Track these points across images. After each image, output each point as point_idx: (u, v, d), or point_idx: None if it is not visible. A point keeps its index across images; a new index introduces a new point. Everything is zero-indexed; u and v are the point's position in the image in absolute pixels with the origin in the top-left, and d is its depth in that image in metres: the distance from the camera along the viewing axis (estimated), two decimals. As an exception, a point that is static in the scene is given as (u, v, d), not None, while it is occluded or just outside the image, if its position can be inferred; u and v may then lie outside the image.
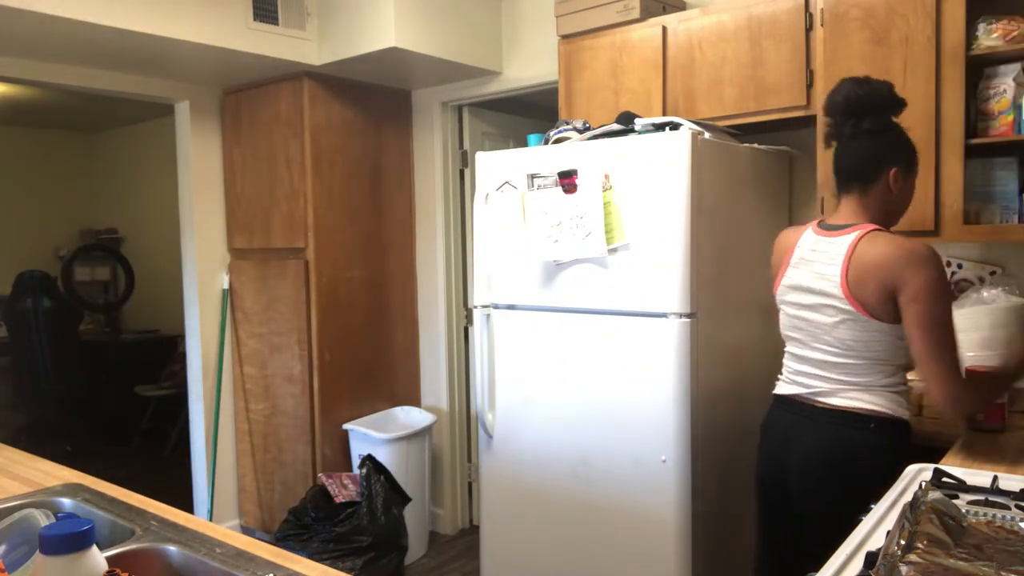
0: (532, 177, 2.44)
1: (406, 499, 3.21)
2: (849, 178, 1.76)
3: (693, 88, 2.57)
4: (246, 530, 3.83)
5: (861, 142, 1.73)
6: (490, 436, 2.64)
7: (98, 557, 0.99)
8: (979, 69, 2.13)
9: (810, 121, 2.42)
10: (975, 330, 2.16)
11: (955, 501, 1.34)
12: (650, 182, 2.20)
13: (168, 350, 5.67)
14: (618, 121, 2.46)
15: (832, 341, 1.74)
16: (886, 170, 1.72)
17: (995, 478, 1.42)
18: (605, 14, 2.75)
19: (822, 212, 2.32)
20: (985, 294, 2.22)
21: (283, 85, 3.48)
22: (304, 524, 3.11)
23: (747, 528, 2.51)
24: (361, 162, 3.65)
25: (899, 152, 1.74)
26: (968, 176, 2.11)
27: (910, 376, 1.80)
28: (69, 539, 0.96)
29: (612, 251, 2.28)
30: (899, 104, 1.74)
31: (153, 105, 3.93)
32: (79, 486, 1.62)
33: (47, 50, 2.98)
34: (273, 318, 3.65)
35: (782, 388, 1.90)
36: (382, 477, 3.15)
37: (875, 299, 1.64)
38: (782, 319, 1.90)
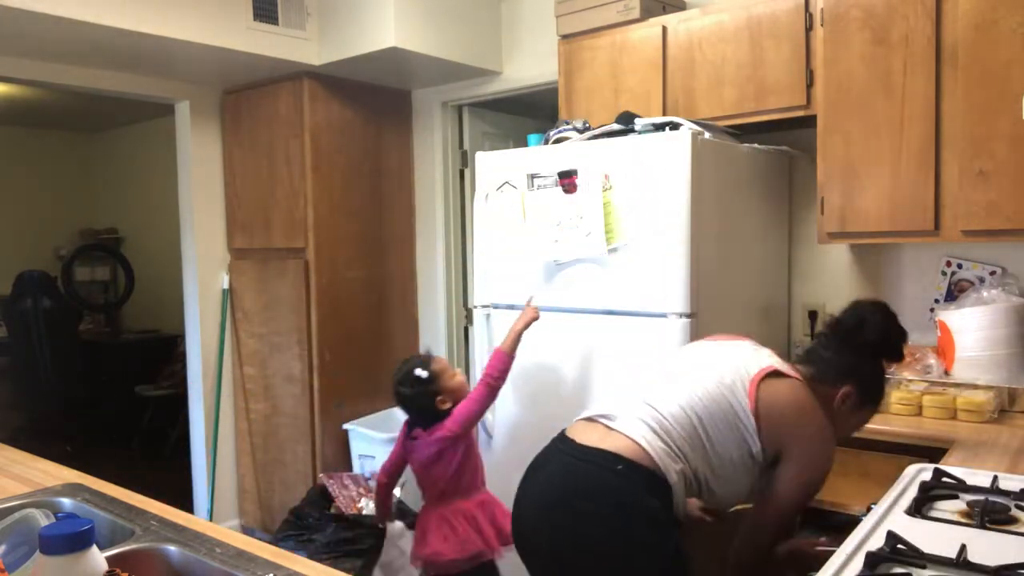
0: (532, 177, 2.44)
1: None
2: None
3: (693, 88, 2.57)
4: (246, 530, 3.83)
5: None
6: (490, 436, 2.64)
7: (98, 557, 0.99)
8: None
9: (810, 121, 2.42)
10: (975, 330, 2.16)
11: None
12: (650, 182, 2.20)
13: (168, 350, 5.67)
14: (618, 121, 2.45)
15: None
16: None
17: (995, 478, 1.42)
18: (605, 14, 2.75)
19: (822, 212, 2.32)
20: (985, 294, 2.22)
21: (283, 85, 3.48)
22: (304, 524, 3.11)
23: (747, 528, 2.51)
24: (361, 162, 3.65)
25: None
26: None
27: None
28: (69, 539, 0.96)
29: (612, 251, 2.28)
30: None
31: (153, 105, 3.93)
32: (79, 486, 1.62)
33: (47, 50, 2.98)
34: (273, 318, 3.65)
35: None
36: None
37: None
38: None
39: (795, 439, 1.54)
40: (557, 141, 2.52)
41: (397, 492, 3.21)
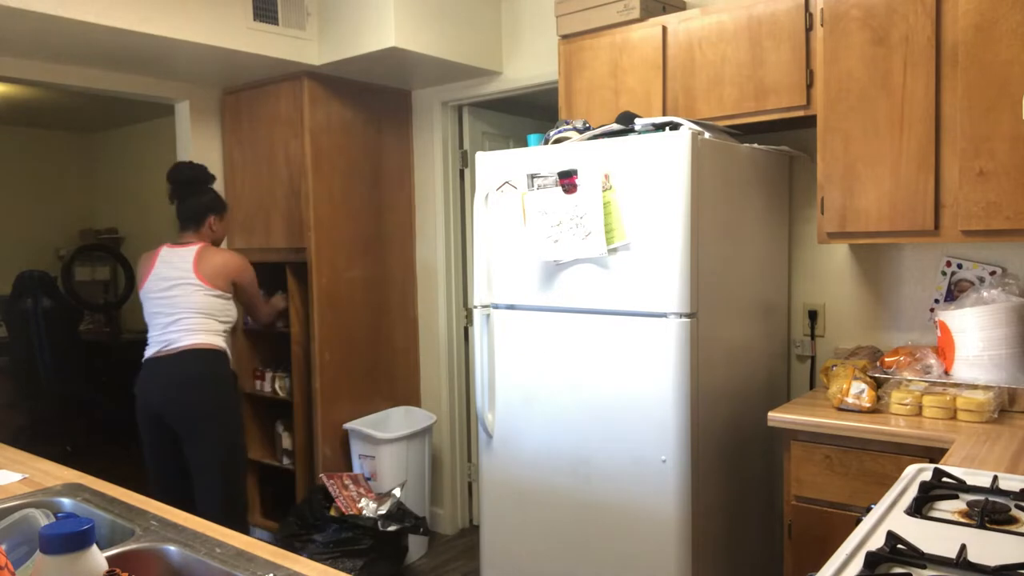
0: (532, 177, 2.44)
1: (418, 524, 3.20)
2: (187, 221, 2.92)
3: (693, 88, 2.57)
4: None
5: (192, 201, 2.91)
6: (490, 436, 2.64)
7: (98, 557, 0.99)
8: None
9: (810, 121, 2.42)
10: (975, 330, 2.16)
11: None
12: (650, 182, 2.20)
13: (168, 350, 5.65)
14: (618, 121, 2.46)
15: (188, 305, 2.77)
16: (207, 217, 2.93)
17: (995, 478, 1.42)
18: (605, 14, 2.75)
19: (822, 212, 2.32)
20: (985, 294, 2.22)
21: (283, 85, 3.48)
22: (304, 524, 3.11)
23: (748, 527, 2.52)
24: (361, 162, 3.65)
25: (216, 207, 2.95)
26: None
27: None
28: (69, 539, 0.96)
29: (612, 251, 2.28)
30: (211, 179, 2.98)
31: (153, 105, 3.93)
32: (79, 486, 1.62)
33: (47, 50, 2.98)
34: (273, 318, 3.65)
35: (150, 352, 2.82)
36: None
37: (220, 280, 2.82)
38: (147, 308, 2.84)
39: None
40: (557, 141, 2.52)
41: (397, 492, 3.21)
